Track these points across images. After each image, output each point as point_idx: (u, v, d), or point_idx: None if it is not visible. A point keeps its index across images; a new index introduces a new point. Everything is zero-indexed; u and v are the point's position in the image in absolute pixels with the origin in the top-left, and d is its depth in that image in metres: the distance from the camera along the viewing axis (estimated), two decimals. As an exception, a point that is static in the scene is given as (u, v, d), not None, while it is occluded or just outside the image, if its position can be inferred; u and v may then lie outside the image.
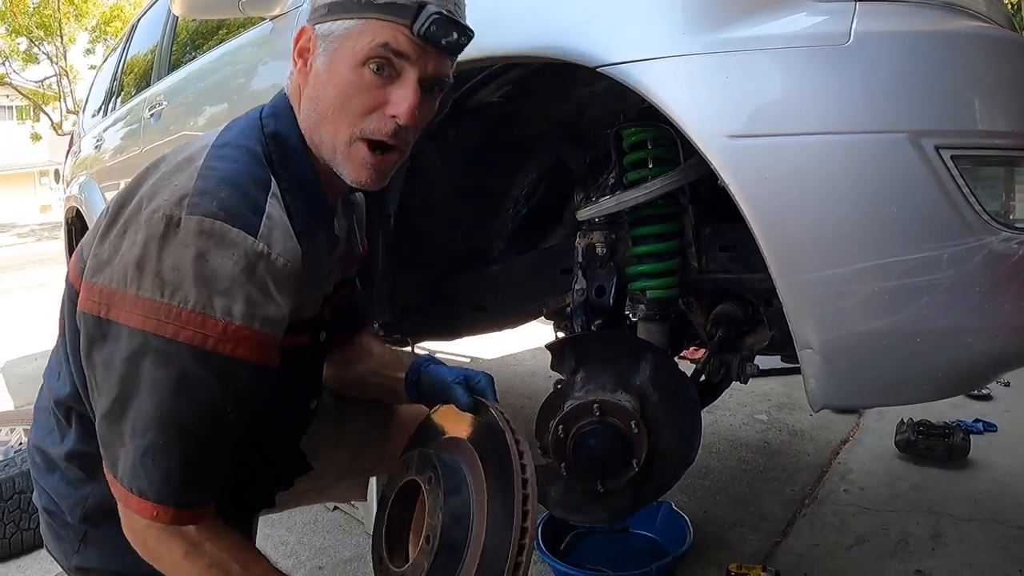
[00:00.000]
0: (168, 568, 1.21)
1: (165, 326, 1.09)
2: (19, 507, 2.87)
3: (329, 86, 1.24)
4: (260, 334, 1.14)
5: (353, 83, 1.22)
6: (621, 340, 1.97)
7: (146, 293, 1.10)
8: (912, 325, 1.34)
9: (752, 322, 1.97)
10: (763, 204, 1.36)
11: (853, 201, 1.33)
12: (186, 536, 1.18)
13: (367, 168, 1.26)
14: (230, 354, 1.12)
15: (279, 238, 1.16)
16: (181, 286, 1.09)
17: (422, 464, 1.37)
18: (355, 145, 1.25)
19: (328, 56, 1.23)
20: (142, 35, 5.04)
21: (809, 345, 1.38)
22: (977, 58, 1.39)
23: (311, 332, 1.44)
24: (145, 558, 1.22)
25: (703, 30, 1.41)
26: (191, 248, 1.09)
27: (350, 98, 1.22)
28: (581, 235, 2.02)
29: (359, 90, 1.22)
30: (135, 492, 1.14)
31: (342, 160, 1.27)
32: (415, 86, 1.22)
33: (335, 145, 1.26)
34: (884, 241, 1.33)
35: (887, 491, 3.24)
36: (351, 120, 1.23)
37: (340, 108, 1.23)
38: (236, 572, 1.20)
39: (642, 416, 1.68)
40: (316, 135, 1.28)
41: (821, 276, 1.35)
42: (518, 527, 1.20)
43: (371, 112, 1.23)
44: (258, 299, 1.13)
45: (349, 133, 1.24)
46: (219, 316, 1.10)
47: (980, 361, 1.41)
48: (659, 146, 1.83)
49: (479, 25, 1.53)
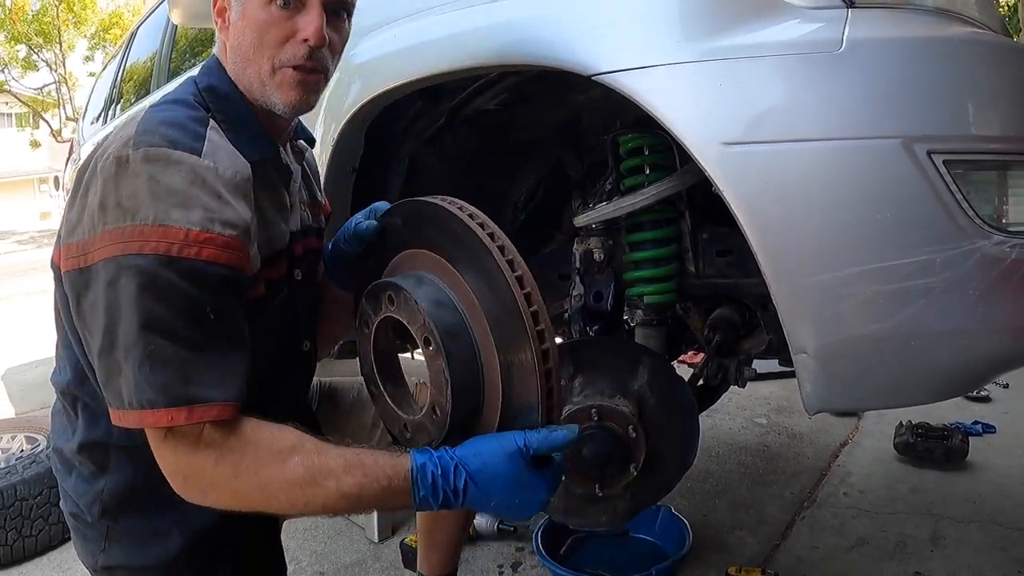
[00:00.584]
0: (220, 492, 1.19)
1: (131, 245, 1.12)
2: (21, 514, 2.88)
3: (246, 31, 1.34)
4: (222, 236, 1.17)
5: (265, 20, 1.33)
6: (619, 345, 1.98)
7: (111, 225, 1.14)
8: (907, 329, 1.35)
9: (749, 326, 1.98)
10: (757, 210, 1.37)
11: (846, 207, 1.34)
12: (210, 440, 1.17)
13: (293, 87, 1.36)
14: (195, 256, 1.14)
15: (223, 155, 1.25)
16: (140, 208, 1.13)
17: (382, 294, 1.35)
18: (278, 73, 1.35)
19: (240, 5, 1.35)
20: (141, 43, 5.06)
21: (804, 349, 1.38)
22: (969, 64, 1.40)
23: (286, 266, 1.48)
24: (193, 497, 1.20)
25: (696, 38, 1.41)
26: (142, 175, 1.15)
27: (264, 34, 1.33)
28: (579, 241, 2.03)
29: (270, 25, 1.33)
30: (147, 406, 1.13)
31: (272, 90, 1.36)
32: (319, 10, 1.33)
33: (262, 79, 1.36)
34: (878, 246, 1.33)
35: (886, 493, 3.26)
36: (269, 52, 1.34)
37: (258, 45, 1.34)
38: (286, 457, 1.18)
39: (640, 421, 1.69)
40: (244, 78, 1.38)
41: (815, 281, 1.36)
42: (527, 314, 1.19)
43: (285, 42, 1.34)
44: (213, 205, 1.18)
45: (270, 64, 1.35)
46: (179, 225, 1.14)
47: (976, 363, 1.41)
48: (656, 152, 1.83)
49: (476, 33, 1.55)
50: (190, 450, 1.16)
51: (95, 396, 1.32)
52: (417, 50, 1.82)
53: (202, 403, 1.14)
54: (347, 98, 2.00)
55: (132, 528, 1.38)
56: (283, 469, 1.17)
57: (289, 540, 2.93)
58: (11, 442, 3.45)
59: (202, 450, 1.16)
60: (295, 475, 1.16)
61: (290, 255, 1.49)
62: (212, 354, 1.17)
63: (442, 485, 1.15)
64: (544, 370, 1.19)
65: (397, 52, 1.88)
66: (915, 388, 1.44)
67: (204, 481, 1.18)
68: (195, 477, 1.18)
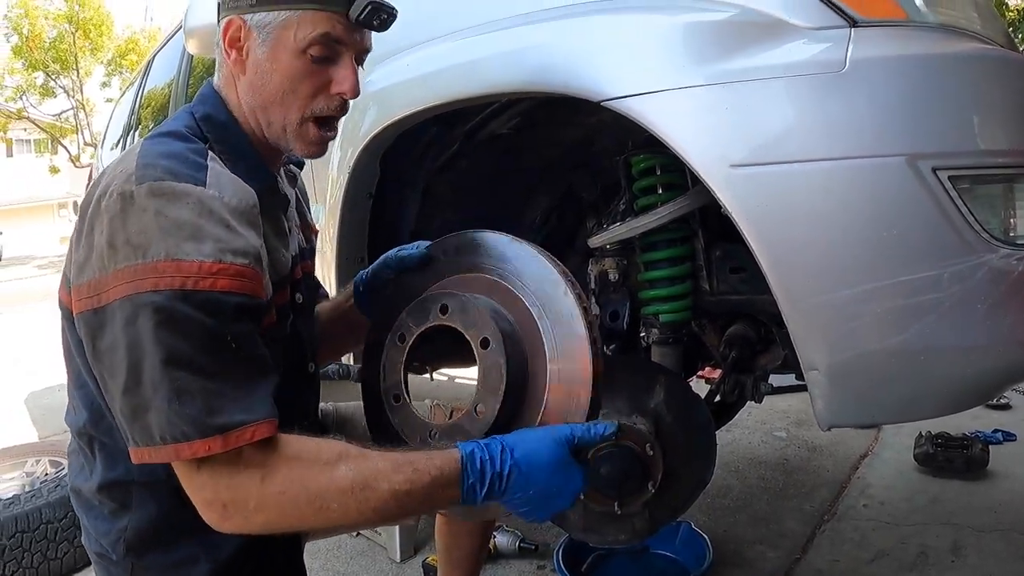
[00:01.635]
0: (267, 512, 1.18)
1: (145, 282, 1.13)
2: (46, 537, 2.91)
3: (274, 74, 1.35)
4: (235, 266, 1.18)
5: (299, 69, 1.34)
6: (635, 364, 2.00)
7: (122, 263, 1.14)
8: (916, 344, 1.37)
9: (765, 342, 1.99)
10: (765, 231, 1.39)
11: (854, 225, 1.36)
12: (252, 461, 1.17)
13: (317, 144, 1.42)
14: (211, 288, 1.15)
15: (228, 184, 1.25)
16: (150, 244, 1.14)
17: (432, 304, 1.43)
18: (306, 125, 1.39)
19: (268, 46, 1.34)
20: (158, 70, 5.11)
21: (815, 366, 1.40)
22: (973, 79, 1.42)
23: (289, 291, 1.51)
24: (234, 525, 1.19)
25: (702, 62, 1.44)
26: (149, 210, 1.15)
27: (297, 83, 1.35)
28: (594, 261, 2.06)
29: (305, 75, 1.35)
30: (181, 439, 1.13)
31: (293, 138, 1.40)
32: (353, 64, 1.38)
33: (285, 126, 1.38)
34: (886, 263, 1.35)
35: (906, 505, 3.26)
36: (301, 103, 1.37)
37: (289, 92, 1.36)
38: (333, 466, 1.20)
39: (657, 438, 1.71)
40: (263, 117, 1.40)
41: (825, 299, 1.38)
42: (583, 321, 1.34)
43: (318, 94, 1.37)
44: (224, 235, 1.19)
45: (300, 115, 1.37)
46: (192, 258, 1.15)
47: (986, 376, 1.43)
48: (668, 172, 1.85)
49: (490, 62, 1.58)
50: (230, 474, 1.16)
51: (112, 435, 1.33)
52: (432, 78, 1.85)
53: (235, 427, 1.14)
54: (363, 125, 2.03)
55: (157, 562, 1.38)
56: (332, 477, 1.17)
57: (312, 561, 2.95)
58: (35, 466, 3.50)
59: (243, 471, 1.16)
60: (345, 482, 1.17)
61: (292, 280, 1.52)
62: (238, 381, 1.18)
63: (489, 470, 1.19)
64: (596, 374, 1.31)
65: (412, 80, 1.91)
66: (926, 402, 1.45)
67: (249, 504, 1.17)
68: (238, 502, 1.17)
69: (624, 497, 1.72)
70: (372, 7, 1.33)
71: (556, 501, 1.25)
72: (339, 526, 1.30)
